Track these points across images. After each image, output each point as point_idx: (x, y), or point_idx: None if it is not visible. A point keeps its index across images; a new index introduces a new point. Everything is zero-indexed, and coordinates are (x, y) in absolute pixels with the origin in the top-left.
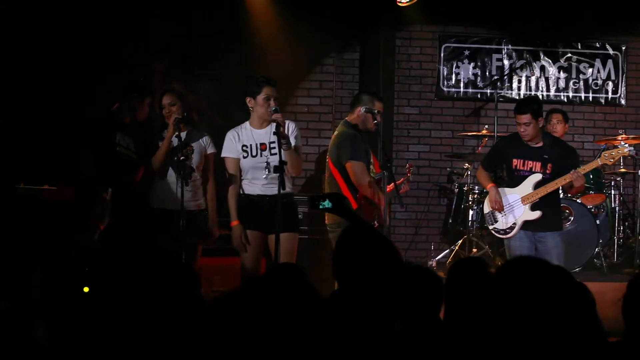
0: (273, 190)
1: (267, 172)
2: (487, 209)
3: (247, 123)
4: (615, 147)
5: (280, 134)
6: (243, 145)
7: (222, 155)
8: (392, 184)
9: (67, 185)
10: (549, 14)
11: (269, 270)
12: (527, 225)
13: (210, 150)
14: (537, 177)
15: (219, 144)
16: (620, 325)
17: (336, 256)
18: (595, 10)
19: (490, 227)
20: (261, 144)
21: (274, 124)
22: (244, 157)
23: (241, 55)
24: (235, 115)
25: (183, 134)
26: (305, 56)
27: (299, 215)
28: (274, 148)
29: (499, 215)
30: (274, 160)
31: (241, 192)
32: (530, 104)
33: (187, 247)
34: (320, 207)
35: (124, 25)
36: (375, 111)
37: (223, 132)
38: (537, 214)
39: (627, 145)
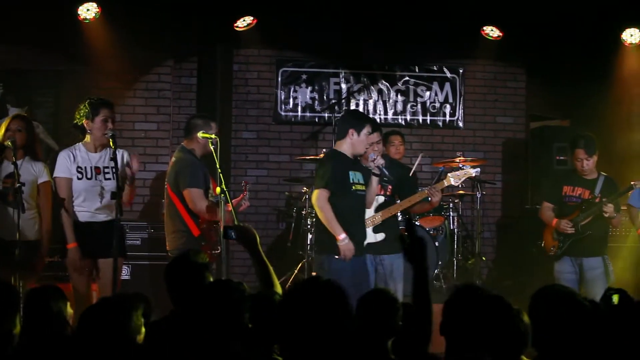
0: (101, 217)
1: (101, 198)
2: None
3: (80, 145)
4: (461, 168)
5: (114, 160)
6: (78, 167)
7: (55, 175)
8: (230, 206)
9: None
10: (386, 38)
11: None
12: (368, 248)
13: (43, 179)
14: (379, 199)
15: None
16: None
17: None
18: (433, 34)
19: None
20: (95, 168)
21: (109, 149)
22: (78, 179)
23: (77, 81)
24: (72, 141)
25: (19, 162)
26: (142, 81)
27: (137, 242)
28: (108, 173)
29: None
30: (109, 185)
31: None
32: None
33: (23, 277)
34: (228, 237)
35: None
36: (213, 136)
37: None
38: (380, 235)
39: (468, 166)
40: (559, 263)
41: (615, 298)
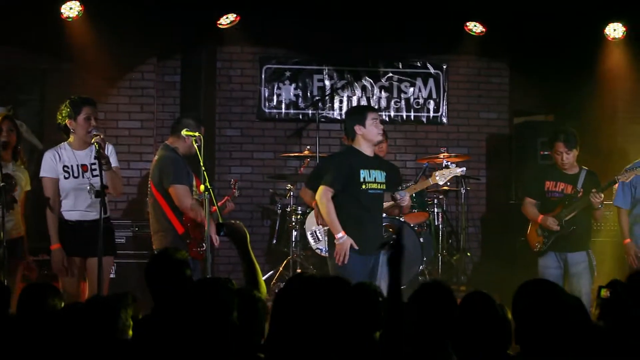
0: (91, 215)
1: (90, 194)
2: (310, 227)
3: (65, 144)
4: (447, 167)
5: (100, 155)
6: (64, 166)
7: (41, 175)
8: (215, 207)
9: None
10: (369, 35)
11: None
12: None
13: (27, 187)
14: None
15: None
16: None
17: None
18: (416, 30)
19: (314, 247)
20: (82, 165)
21: (94, 146)
22: (65, 178)
23: (61, 79)
24: (57, 139)
25: (9, 165)
26: (126, 79)
27: (122, 240)
28: (95, 170)
29: (321, 235)
30: (96, 182)
31: (60, 217)
32: None
33: (8, 273)
34: (219, 234)
35: None
36: (196, 133)
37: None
38: None
39: (454, 164)
40: (544, 258)
41: (603, 292)
